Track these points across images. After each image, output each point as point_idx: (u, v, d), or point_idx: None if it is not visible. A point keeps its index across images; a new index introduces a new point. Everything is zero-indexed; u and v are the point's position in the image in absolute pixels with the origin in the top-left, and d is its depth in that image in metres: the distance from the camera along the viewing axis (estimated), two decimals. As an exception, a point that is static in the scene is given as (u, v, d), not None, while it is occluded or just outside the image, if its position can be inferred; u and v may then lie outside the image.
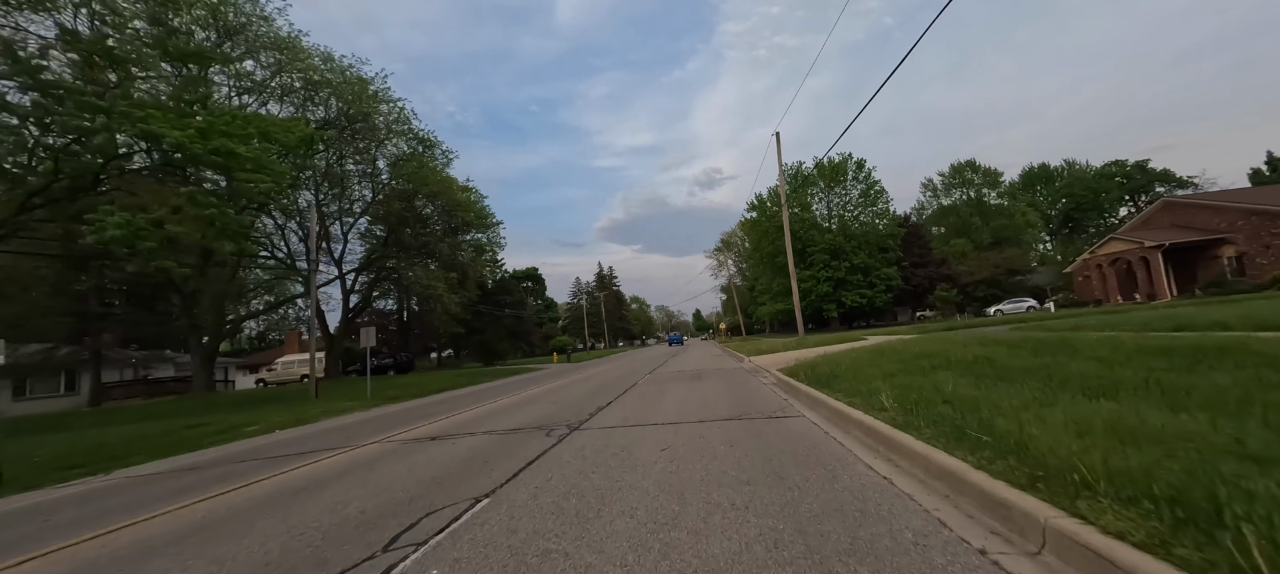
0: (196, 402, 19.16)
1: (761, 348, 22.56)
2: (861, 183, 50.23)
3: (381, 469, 5.71)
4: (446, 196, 27.77)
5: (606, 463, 4.85)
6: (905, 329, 27.92)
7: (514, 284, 47.16)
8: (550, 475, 4.60)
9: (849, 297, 48.11)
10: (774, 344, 23.80)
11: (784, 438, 5.24)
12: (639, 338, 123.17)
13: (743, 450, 4.80)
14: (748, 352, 22.00)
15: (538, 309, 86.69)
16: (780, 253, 52.63)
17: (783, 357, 17.03)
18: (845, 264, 48.91)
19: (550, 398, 12.18)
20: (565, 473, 4.63)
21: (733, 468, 4.22)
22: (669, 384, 12.54)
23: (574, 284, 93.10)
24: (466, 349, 45.71)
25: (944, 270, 50.93)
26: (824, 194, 52.18)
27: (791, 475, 3.88)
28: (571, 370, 25.53)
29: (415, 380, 24.42)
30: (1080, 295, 36.71)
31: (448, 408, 12.22)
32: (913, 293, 50.67)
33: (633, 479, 4.19)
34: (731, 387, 10.85)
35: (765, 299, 57.35)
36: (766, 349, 21.10)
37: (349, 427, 10.40)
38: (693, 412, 7.49)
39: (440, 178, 27.05)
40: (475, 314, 42.72)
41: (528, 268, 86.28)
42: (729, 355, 24.12)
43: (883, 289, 48.49)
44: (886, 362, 9.01)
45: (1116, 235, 32.56)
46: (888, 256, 49.32)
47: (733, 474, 4.03)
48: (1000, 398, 4.64)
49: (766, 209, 53.74)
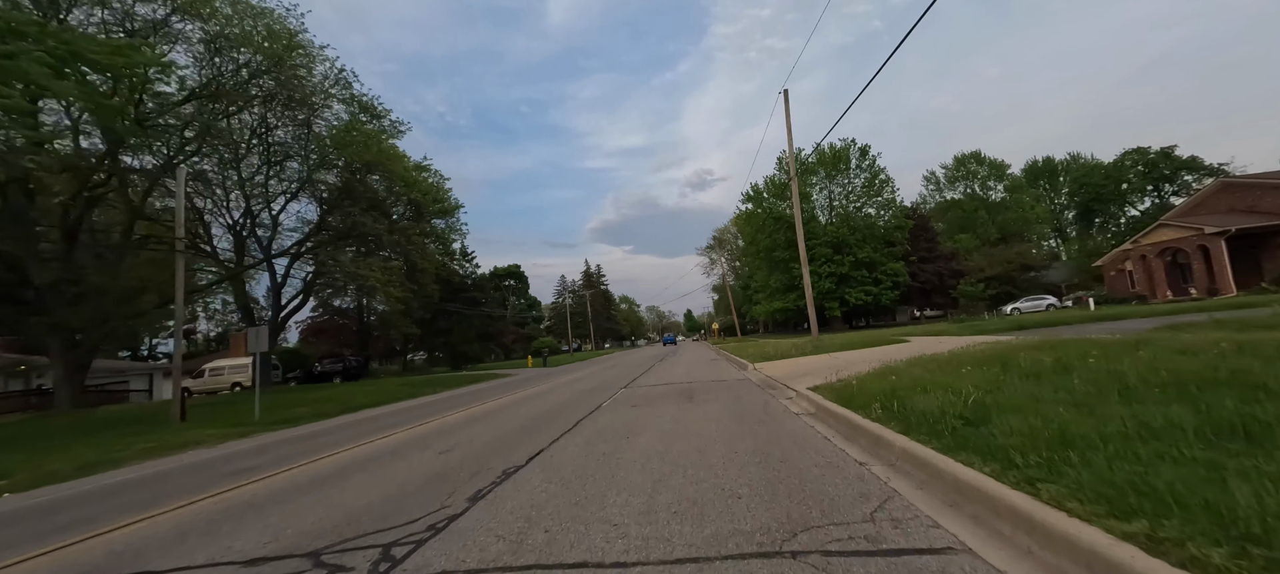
0: (22, 424, 14.72)
1: (767, 351, 18.53)
2: (865, 171, 46.48)
3: None
4: (388, 170, 23.23)
5: None
6: (924, 330, 24.05)
7: (486, 281, 42.81)
8: None
9: (853, 294, 44.34)
10: (781, 347, 19.78)
11: None
12: (628, 338, 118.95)
13: None
14: (750, 356, 17.96)
15: (520, 308, 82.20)
16: (779, 247, 48.82)
17: (801, 363, 12.97)
18: (848, 259, 45.15)
19: (456, 435, 8.00)
20: None
21: None
22: (646, 411, 8.43)
23: (559, 282, 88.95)
24: (436, 352, 41.20)
25: (953, 265, 47.36)
26: (825, 183, 48.39)
27: None
28: (539, 378, 21.40)
29: (346, 392, 20.10)
30: (1113, 291, 33.20)
31: (308, 448, 8.07)
32: (920, 290, 47.03)
33: None
34: (744, 418, 6.75)
35: (761, 297, 53.47)
36: (773, 353, 17.07)
37: (72, 501, 6.18)
38: (683, 501, 3.39)
39: (381, 147, 22.73)
40: (442, 313, 38.31)
41: (510, 265, 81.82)
42: (727, 360, 20.09)
43: (889, 286, 44.79)
44: (1038, 385, 4.96)
45: (1167, 221, 28.94)
46: (894, 251, 45.64)
47: None
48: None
49: (763, 200, 49.87)
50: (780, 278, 48.13)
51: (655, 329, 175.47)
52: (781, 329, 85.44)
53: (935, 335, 16.92)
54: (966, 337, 14.63)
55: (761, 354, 17.42)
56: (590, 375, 19.53)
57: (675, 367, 19.51)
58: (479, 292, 41.20)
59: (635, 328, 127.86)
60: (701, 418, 7.09)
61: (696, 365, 18.74)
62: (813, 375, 9.73)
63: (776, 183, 48.98)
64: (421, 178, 28.00)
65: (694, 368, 17.49)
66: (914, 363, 8.16)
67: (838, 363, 11.79)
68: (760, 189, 50.44)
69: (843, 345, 16.35)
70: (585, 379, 17.89)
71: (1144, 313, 18.16)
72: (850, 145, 46.44)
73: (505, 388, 17.84)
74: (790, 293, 47.05)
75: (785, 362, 14.36)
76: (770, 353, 17.33)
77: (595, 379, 17.31)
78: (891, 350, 12.86)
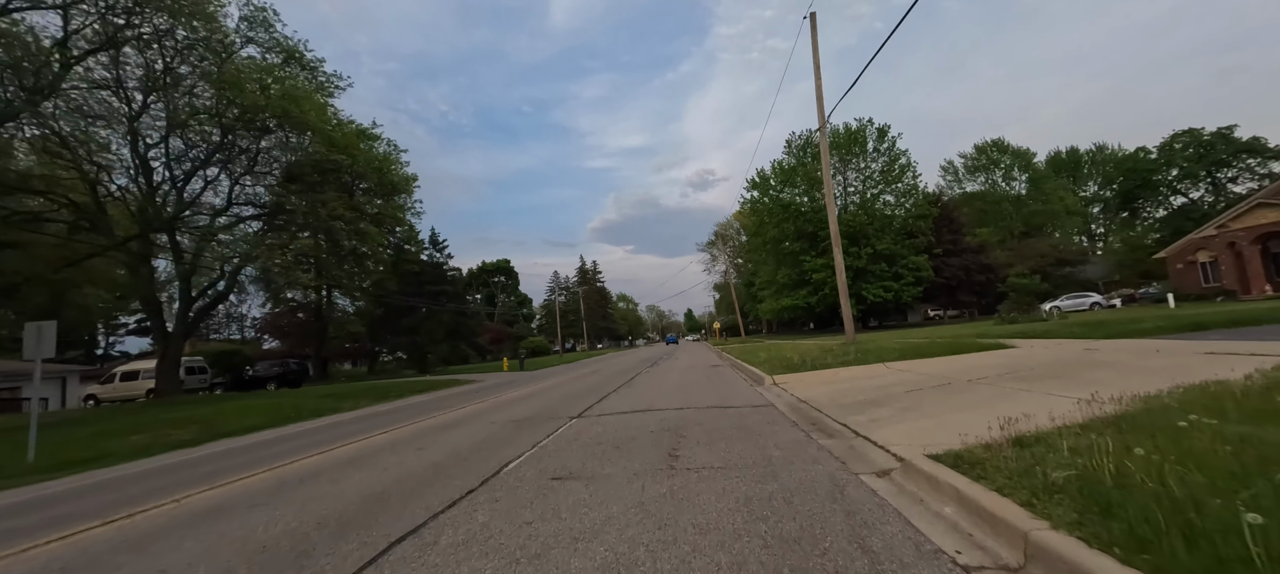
0: None
1: (787, 358, 14.07)
2: (884, 154, 41.84)
3: None
4: (302, 122, 18.55)
5: None
6: (1010, 331, 19.54)
7: (461, 273, 38.23)
8: None
9: (871, 290, 39.75)
10: (805, 351, 15.27)
11: None
12: (625, 338, 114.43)
13: None
14: (764, 364, 13.53)
15: (510, 306, 77.75)
16: (788, 237, 44.24)
17: (849, 382, 8.39)
18: (866, 251, 40.54)
19: (270, 504, 3.35)
20: None
21: None
22: (566, 501, 3.83)
23: (552, 278, 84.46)
24: (398, 352, 36.50)
25: (981, 259, 42.76)
26: (839, 169, 43.77)
27: None
28: (496, 388, 17.04)
29: (251, 406, 15.65)
30: (1180, 286, 28.63)
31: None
32: (944, 287, 42.42)
33: None
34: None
35: (767, 294, 48.91)
36: (798, 360, 12.60)
37: None
38: None
39: (297, 96, 18.19)
40: (408, 309, 33.81)
41: (499, 260, 77.47)
42: (733, 367, 15.63)
43: (911, 281, 40.22)
44: None
45: (1266, 199, 24.24)
46: (916, 243, 41.03)
47: None
48: None
49: (769, 187, 45.27)
50: (789, 272, 43.56)
51: (655, 329, 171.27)
52: (786, 329, 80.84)
53: (1042, 339, 12.36)
54: (1089, 341, 10.16)
55: (782, 362, 12.93)
56: (553, 387, 15.12)
57: (666, 376, 15.08)
58: (450, 284, 36.58)
59: (633, 327, 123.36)
60: (691, 552, 2.55)
61: (693, 376, 14.32)
62: (892, 409, 5.23)
63: (785, 168, 44.42)
64: (368, 148, 23.39)
65: (689, 379, 13.07)
66: (1159, 407, 3.58)
67: (912, 379, 7.28)
68: (767, 175, 45.86)
69: (899, 351, 11.80)
70: (542, 393, 13.46)
71: (1265, 313, 13.62)
72: (867, 126, 41.83)
73: (449, 402, 13.48)
74: (800, 288, 42.49)
75: (821, 375, 9.87)
76: (794, 360, 12.84)
77: (554, 393, 12.86)
78: (997, 361, 8.36)
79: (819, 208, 43.50)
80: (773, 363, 12.94)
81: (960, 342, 12.78)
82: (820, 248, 41.64)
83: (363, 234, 23.65)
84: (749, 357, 17.58)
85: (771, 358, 15.01)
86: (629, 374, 17.57)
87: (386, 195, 25.07)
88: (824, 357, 12.32)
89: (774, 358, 14.73)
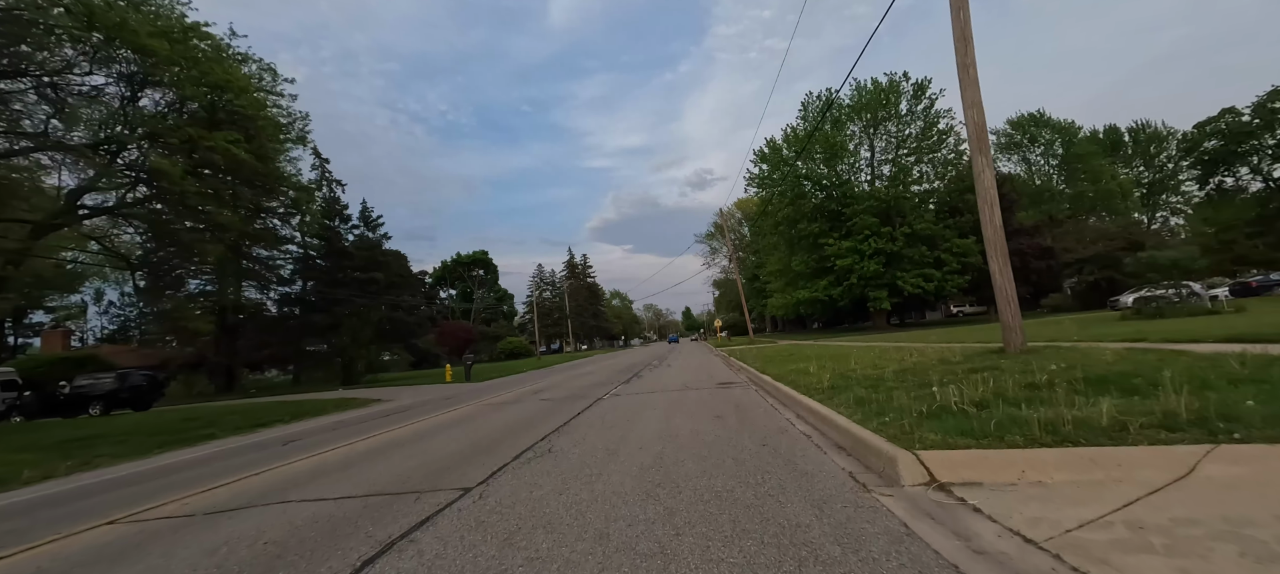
0: None
1: (864, 371, 6.82)
2: (920, 117, 34.57)
3: None
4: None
5: None
6: (1143, 335, 12.36)
7: (393, 257, 30.80)
8: None
9: (908, 279, 32.55)
10: (914, 364, 8.07)
11: None
12: (619, 338, 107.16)
13: None
14: (813, 389, 6.18)
15: (488, 301, 70.38)
16: (803, 216, 36.99)
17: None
18: (902, 231, 33.36)
19: None
20: None
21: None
22: None
23: (536, 272, 76.87)
24: (296, 362, 28.53)
25: (1037, 243, 35.53)
26: (865, 134, 36.53)
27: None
28: (360, 428, 9.81)
29: None
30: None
31: None
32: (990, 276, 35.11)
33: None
34: None
35: (777, 287, 41.70)
36: (909, 391, 5.22)
37: None
38: None
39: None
40: (319, 301, 26.48)
41: (476, 252, 70.09)
42: (760, 389, 8.39)
43: (955, 269, 33.00)
44: None
45: None
46: (960, 222, 33.80)
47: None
48: None
49: (780, 158, 37.97)
50: (805, 259, 36.30)
51: (651, 327, 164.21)
52: (794, 327, 73.53)
53: None
54: None
55: (902, 395, 5.61)
56: (426, 437, 7.94)
57: (639, 417, 7.92)
58: (381, 269, 29.07)
59: (628, 326, 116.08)
60: None
61: (695, 398, 7.09)
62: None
63: (801, 135, 37.11)
64: (225, 67, 16.10)
65: (680, 427, 5.82)
66: None
67: None
68: (778, 144, 38.57)
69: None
70: (374, 458, 6.11)
71: None
72: (900, 81, 34.53)
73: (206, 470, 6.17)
74: (820, 278, 35.27)
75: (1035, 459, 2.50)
76: (890, 392, 5.54)
77: (398, 456, 5.49)
78: None
79: (842, 180, 36.27)
80: (875, 402, 5.69)
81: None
82: (844, 230, 34.43)
83: (223, 197, 16.27)
84: (772, 367, 10.31)
85: (842, 375, 7.84)
86: (599, 389, 10.58)
87: (255, 139, 17.64)
88: (1003, 384, 5.08)
89: (859, 376, 7.57)
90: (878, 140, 36.18)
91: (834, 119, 36.07)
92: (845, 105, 36.19)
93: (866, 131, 36.24)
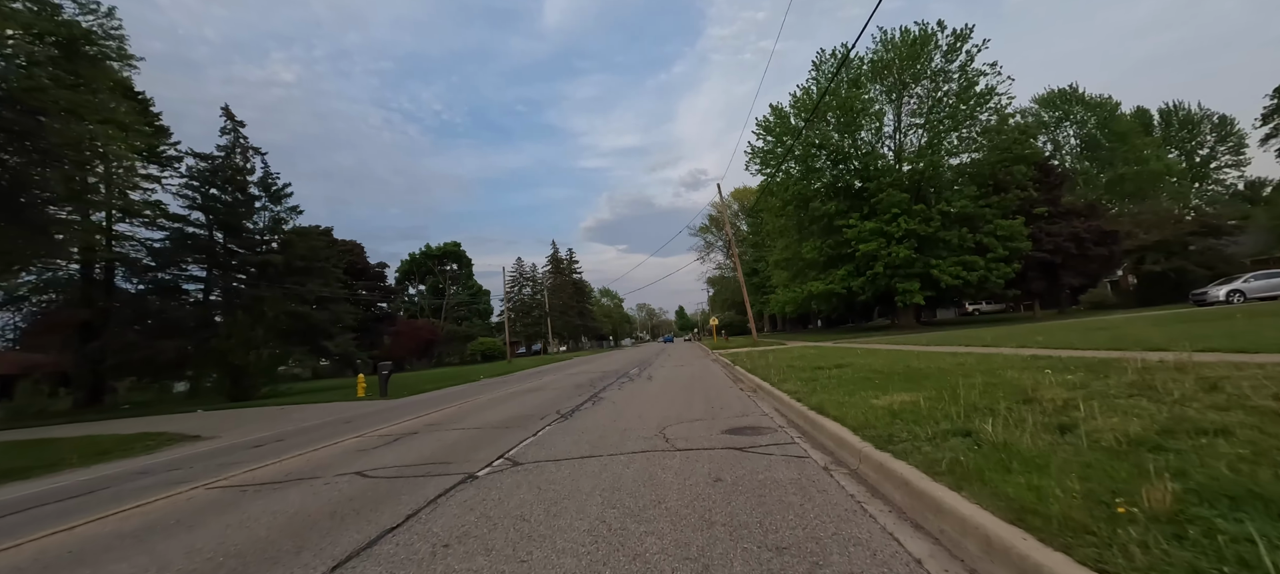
0: None
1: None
2: (960, 72, 28.84)
3: None
4: None
5: None
6: None
7: (303, 237, 24.29)
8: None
9: (944, 269, 26.87)
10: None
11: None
12: (607, 338, 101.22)
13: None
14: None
15: (461, 297, 64.15)
16: (816, 194, 31.29)
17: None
18: (938, 209, 27.72)
19: None
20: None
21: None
22: None
23: (515, 267, 69.98)
24: (137, 373, 21.93)
25: (1092, 224, 29.94)
26: (889, 96, 30.79)
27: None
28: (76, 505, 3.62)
29: None
30: None
31: None
32: (1040, 265, 29.57)
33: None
34: None
35: (783, 280, 35.97)
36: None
37: None
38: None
39: None
40: (175, 285, 20.29)
41: (448, 243, 63.91)
42: (829, 457, 2.40)
43: (1001, 256, 27.30)
44: None
45: None
46: (1006, 201, 28.16)
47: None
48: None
49: (789, 124, 32.16)
50: (817, 245, 30.48)
51: (644, 327, 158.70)
52: (794, 327, 67.78)
53: None
54: None
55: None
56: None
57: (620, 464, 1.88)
58: (279, 252, 22.58)
59: (618, 326, 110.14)
60: None
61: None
62: None
63: (810, 99, 31.26)
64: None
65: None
66: None
67: None
68: (786, 112, 32.72)
69: None
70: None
71: None
72: (935, 32, 28.77)
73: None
74: (839, 267, 29.53)
75: None
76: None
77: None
78: None
79: (864, 150, 30.53)
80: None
81: None
82: (868, 206, 28.70)
83: None
84: (805, 388, 4.38)
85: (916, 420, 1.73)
86: (536, 421, 4.54)
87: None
88: None
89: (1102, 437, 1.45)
90: (906, 103, 30.42)
91: (852, 78, 30.35)
92: (866, 62, 30.46)
93: (891, 94, 30.49)
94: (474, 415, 9.45)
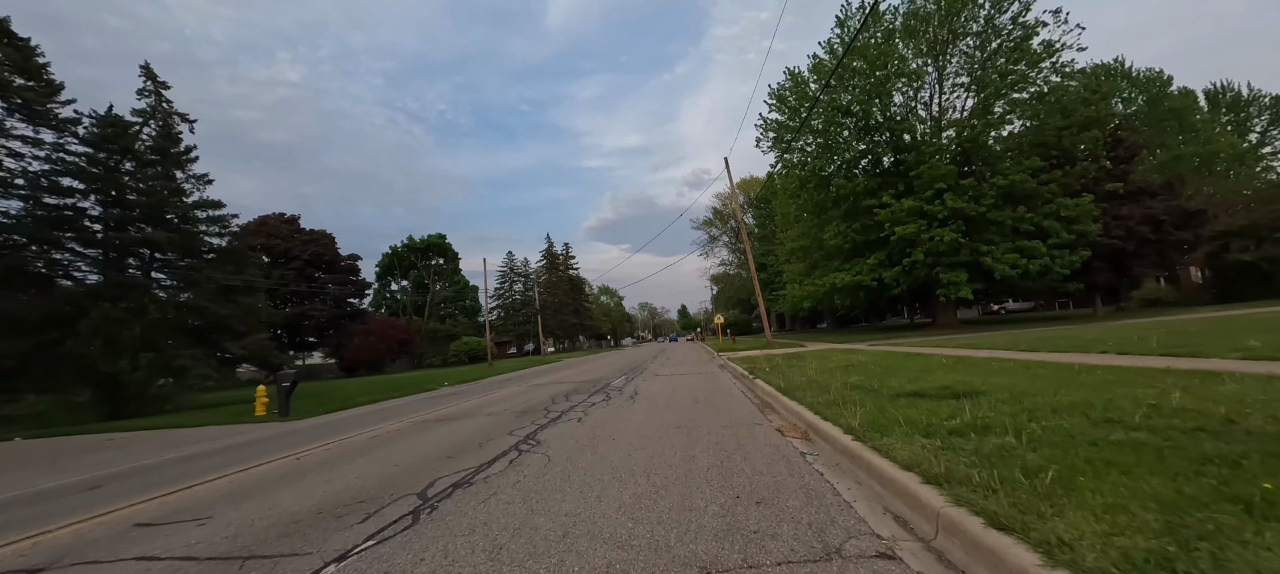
0: None
1: None
2: (1014, 25, 24.15)
3: None
4: None
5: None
6: None
7: (197, 211, 19.63)
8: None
9: (998, 256, 22.25)
10: None
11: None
12: (606, 338, 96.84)
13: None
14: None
15: (446, 294, 59.79)
16: (841, 171, 26.74)
17: None
18: (992, 184, 23.11)
19: None
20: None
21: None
22: None
23: (505, 261, 65.34)
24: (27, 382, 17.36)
25: (1172, 205, 25.21)
26: (927, 56, 26.11)
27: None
28: None
29: None
30: None
31: None
32: (1111, 253, 24.87)
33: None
34: None
35: (797, 272, 31.41)
36: None
37: None
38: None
39: None
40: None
41: (432, 236, 59.52)
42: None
43: (1064, 242, 22.63)
44: None
45: None
46: (1070, 176, 23.50)
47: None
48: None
49: (807, 92, 27.55)
50: (840, 230, 25.81)
51: (646, 326, 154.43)
52: (803, 326, 63.04)
53: None
54: None
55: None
56: None
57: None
58: (177, 231, 18.23)
59: (617, 325, 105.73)
60: None
61: None
62: None
63: (829, 64, 26.57)
64: None
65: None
66: None
67: None
68: (805, 78, 28.08)
69: None
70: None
71: None
72: (982, -25, 24.05)
73: None
74: (868, 255, 24.96)
75: None
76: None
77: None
78: None
79: (898, 117, 25.94)
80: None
81: None
82: (903, 186, 24.14)
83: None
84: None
85: None
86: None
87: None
88: None
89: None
90: (949, 60, 25.74)
91: (882, 34, 25.73)
92: (899, 16, 25.82)
93: (931, 53, 25.82)
94: (382, 462, 4.96)
